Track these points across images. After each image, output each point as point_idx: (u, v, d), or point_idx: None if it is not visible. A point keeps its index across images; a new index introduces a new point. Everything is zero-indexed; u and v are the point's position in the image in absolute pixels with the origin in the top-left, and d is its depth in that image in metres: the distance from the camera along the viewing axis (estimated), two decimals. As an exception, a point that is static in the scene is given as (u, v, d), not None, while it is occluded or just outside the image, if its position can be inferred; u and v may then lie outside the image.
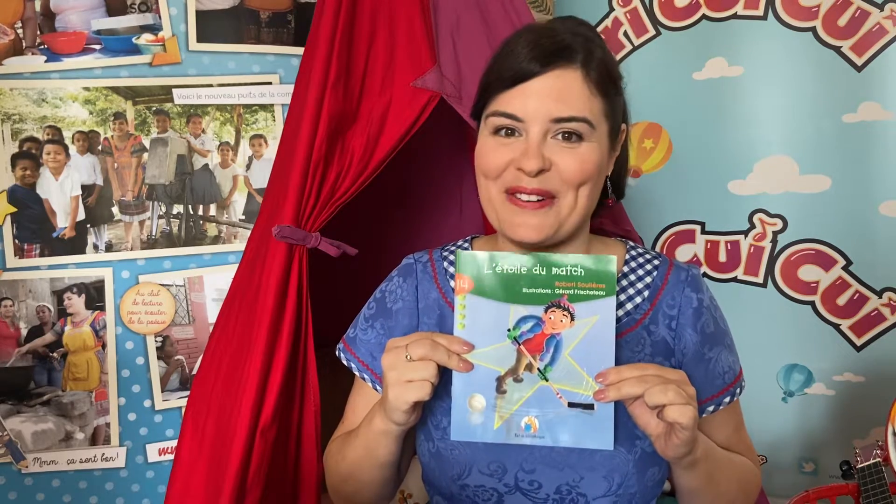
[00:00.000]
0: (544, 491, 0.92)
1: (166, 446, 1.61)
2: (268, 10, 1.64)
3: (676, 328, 0.98)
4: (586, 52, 0.92)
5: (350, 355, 1.06)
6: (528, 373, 0.86)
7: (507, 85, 0.91)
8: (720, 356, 0.99)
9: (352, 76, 1.26)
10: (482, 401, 0.86)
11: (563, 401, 0.85)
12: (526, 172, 0.90)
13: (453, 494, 0.96)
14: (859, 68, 1.65)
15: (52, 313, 1.56)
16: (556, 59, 0.90)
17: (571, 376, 0.85)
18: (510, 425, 0.85)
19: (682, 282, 1.00)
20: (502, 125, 0.92)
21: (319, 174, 1.21)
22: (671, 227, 1.85)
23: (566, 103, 0.89)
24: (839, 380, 1.73)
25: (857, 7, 1.64)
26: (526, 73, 0.90)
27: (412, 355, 0.85)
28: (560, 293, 0.86)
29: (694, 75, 1.78)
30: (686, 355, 0.97)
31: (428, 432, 0.96)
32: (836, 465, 1.52)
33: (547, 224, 0.92)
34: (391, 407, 0.87)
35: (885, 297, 1.69)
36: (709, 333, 0.99)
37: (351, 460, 1.00)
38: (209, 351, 1.28)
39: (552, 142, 0.91)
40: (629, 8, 1.82)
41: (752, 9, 1.72)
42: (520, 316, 0.86)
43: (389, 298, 1.05)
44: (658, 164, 1.83)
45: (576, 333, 0.85)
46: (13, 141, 1.55)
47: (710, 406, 0.98)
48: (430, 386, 0.85)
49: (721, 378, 0.99)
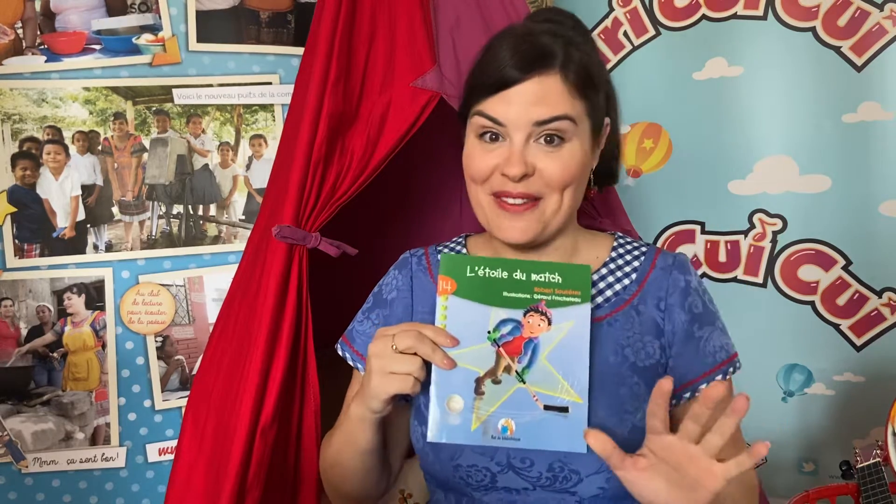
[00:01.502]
0: (536, 469, 0.93)
1: (166, 446, 1.61)
2: (268, 10, 1.64)
3: (665, 308, 0.99)
4: (565, 55, 0.95)
5: (346, 346, 1.09)
6: (507, 375, 0.88)
7: (490, 91, 0.95)
8: (711, 335, 1.00)
9: (352, 76, 1.26)
10: (460, 402, 0.87)
11: (539, 403, 0.87)
12: (510, 178, 0.93)
13: (448, 478, 0.97)
14: (859, 68, 1.65)
15: (52, 313, 1.56)
16: (535, 66, 0.93)
17: (548, 379, 0.87)
18: (487, 427, 0.87)
19: (669, 265, 1.02)
20: (486, 128, 0.96)
21: (319, 174, 1.21)
22: (671, 227, 1.85)
23: (547, 106, 0.93)
24: (839, 380, 1.73)
25: (857, 7, 1.64)
26: (507, 79, 0.93)
27: (398, 346, 0.86)
28: (539, 298, 0.89)
29: (694, 75, 1.78)
30: (676, 334, 0.99)
31: (422, 417, 0.97)
32: (836, 465, 1.52)
33: (532, 226, 0.96)
34: (370, 395, 0.89)
35: (885, 297, 1.69)
36: (697, 313, 1.00)
37: (335, 448, 1.03)
38: (209, 351, 1.28)
39: (535, 146, 0.94)
40: (629, 8, 1.82)
41: (752, 9, 1.72)
42: (500, 319, 0.89)
43: (385, 290, 1.09)
44: (658, 164, 1.84)
45: (552, 337, 0.88)
46: (13, 141, 1.55)
47: (703, 384, 0.99)
48: (413, 380, 0.86)
49: (712, 356, 0.99)
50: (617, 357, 0.95)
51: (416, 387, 0.87)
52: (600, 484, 0.92)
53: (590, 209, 1.30)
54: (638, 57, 1.82)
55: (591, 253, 1.05)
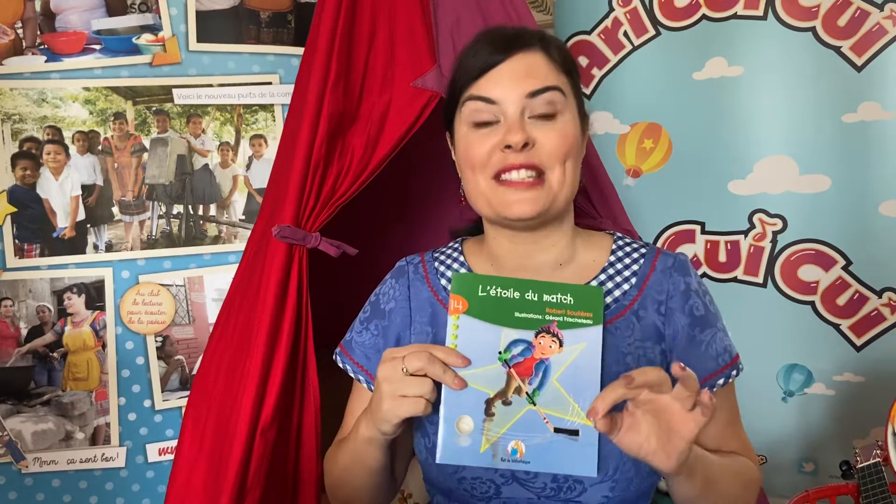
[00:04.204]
0: (541, 480, 0.93)
1: (166, 446, 1.61)
2: (268, 10, 1.64)
3: (666, 312, 0.98)
4: (542, 37, 0.98)
5: (346, 358, 1.07)
6: (517, 396, 0.86)
7: (477, 75, 0.96)
8: (714, 338, 0.99)
9: (352, 76, 1.26)
10: (470, 423, 0.86)
11: (550, 426, 0.86)
12: (513, 146, 0.93)
13: (452, 489, 0.97)
14: (859, 68, 1.65)
15: (52, 313, 1.56)
16: (516, 45, 0.96)
17: (558, 401, 0.86)
18: (496, 449, 0.85)
19: (669, 267, 1.01)
20: (479, 112, 0.96)
21: (319, 174, 1.21)
22: (671, 227, 1.84)
23: (535, 78, 0.94)
24: (839, 380, 1.73)
25: (857, 7, 1.64)
26: (492, 61, 0.95)
27: (408, 367, 0.85)
28: (550, 319, 0.88)
29: (694, 75, 1.78)
30: (677, 338, 0.98)
31: (424, 430, 0.97)
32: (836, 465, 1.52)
33: (541, 199, 0.95)
34: (381, 418, 0.87)
35: (885, 297, 1.69)
36: (699, 316, 0.99)
37: (342, 466, 1.01)
38: (209, 351, 1.28)
39: (530, 121, 0.95)
40: (629, 8, 1.82)
41: (752, 9, 1.72)
42: (511, 339, 0.87)
43: (383, 300, 1.07)
44: (658, 164, 1.83)
45: (564, 359, 0.87)
46: (13, 141, 1.55)
47: (707, 388, 0.98)
48: (425, 402, 0.85)
49: (715, 361, 0.99)
50: (619, 366, 0.94)
51: (427, 409, 0.85)
52: (604, 493, 0.92)
53: (590, 209, 1.30)
54: (638, 57, 1.82)
55: (589, 255, 1.04)
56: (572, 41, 1.84)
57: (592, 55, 1.82)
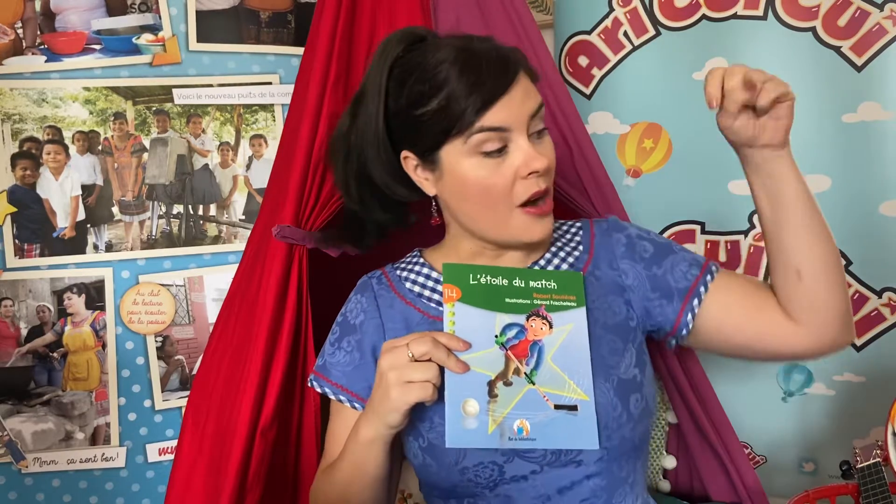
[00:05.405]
0: (540, 449, 0.93)
1: (166, 446, 1.61)
2: (268, 10, 1.64)
3: (618, 267, 1.03)
4: (516, 52, 0.98)
5: (323, 381, 1.05)
6: (516, 377, 0.90)
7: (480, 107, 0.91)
8: (673, 262, 1.03)
9: (352, 76, 1.26)
10: (476, 405, 0.88)
11: (550, 403, 0.90)
12: (541, 173, 0.94)
13: (455, 485, 0.96)
14: (859, 68, 1.65)
15: (52, 313, 1.57)
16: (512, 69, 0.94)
17: (555, 379, 0.91)
18: (503, 429, 0.88)
19: (606, 230, 1.07)
20: (490, 141, 0.93)
21: (319, 174, 1.21)
22: (671, 227, 1.84)
23: (531, 98, 0.96)
24: (839, 380, 1.72)
25: (857, 7, 1.64)
26: (497, 92, 0.92)
27: (414, 353, 0.86)
28: (538, 304, 0.94)
29: (694, 75, 1.78)
30: (641, 284, 1.02)
31: (417, 432, 0.96)
32: (836, 465, 1.52)
33: (550, 218, 1.00)
34: (389, 408, 0.87)
35: (885, 297, 1.69)
36: (649, 256, 1.04)
37: (340, 486, 0.97)
38: (209, 351, 1.28)
39: (530, 140, 0.96)
40: (629, 8, 1.82)
41: (752, 9, 1.72)
42: (505, 323, 0.92)
43: (350, 315, 1.06)
44: (658, 164, 1.83)
45: (555, 340, 0.93)
46: (13, 141, 1.55)
47: (695, 300, 1.01)
48: (433, 387, 0.86)
49: (684, 278, 1.02)
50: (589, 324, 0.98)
51: (434, 394, 0.86)
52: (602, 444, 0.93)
53: (590, 209, 1.30)
54: (638, 57, 1.82)
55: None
56: (572, 41, 1.84)
57: (592, 55, 1.82)
